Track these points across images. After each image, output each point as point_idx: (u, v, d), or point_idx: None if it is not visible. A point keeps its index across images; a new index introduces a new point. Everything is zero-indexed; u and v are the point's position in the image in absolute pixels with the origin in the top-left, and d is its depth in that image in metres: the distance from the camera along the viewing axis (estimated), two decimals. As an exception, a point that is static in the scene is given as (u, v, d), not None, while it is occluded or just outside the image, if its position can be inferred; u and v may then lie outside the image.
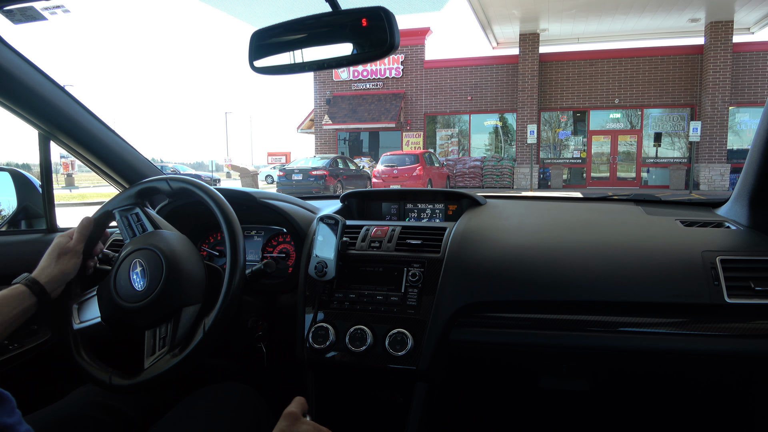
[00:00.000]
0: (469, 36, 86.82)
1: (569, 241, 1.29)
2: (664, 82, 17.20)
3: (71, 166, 22.88)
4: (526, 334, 1.20)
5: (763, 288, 1.10)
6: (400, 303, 1.24)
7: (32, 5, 1.29)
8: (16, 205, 1.69)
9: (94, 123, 1.44)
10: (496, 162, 18.30)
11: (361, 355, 1.19)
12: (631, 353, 1.16)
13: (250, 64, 1.07)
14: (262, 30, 1.05)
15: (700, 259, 1.16)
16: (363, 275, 1.31)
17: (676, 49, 17.28)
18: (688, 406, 1.54)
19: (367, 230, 1.40)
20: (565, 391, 1.53)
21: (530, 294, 1.19)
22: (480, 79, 18.82)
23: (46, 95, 1.30)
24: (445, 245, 1.30)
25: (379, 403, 1.32)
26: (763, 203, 1.27)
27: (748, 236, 1.27)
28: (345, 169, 16.62)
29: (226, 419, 0.97)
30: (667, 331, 1.14)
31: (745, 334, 1.11)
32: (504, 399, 1.63)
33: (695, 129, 14.78)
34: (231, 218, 1.06)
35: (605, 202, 1.65)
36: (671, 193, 15.48)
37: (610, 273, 1.18)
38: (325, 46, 1.01)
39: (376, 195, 1.74)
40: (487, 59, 19.02)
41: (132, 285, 1.03)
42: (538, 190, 17.07)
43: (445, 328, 1.20)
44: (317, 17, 0.98)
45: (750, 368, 1.21)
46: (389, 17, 0.93)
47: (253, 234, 1.52)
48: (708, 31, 16.35)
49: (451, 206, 1.64)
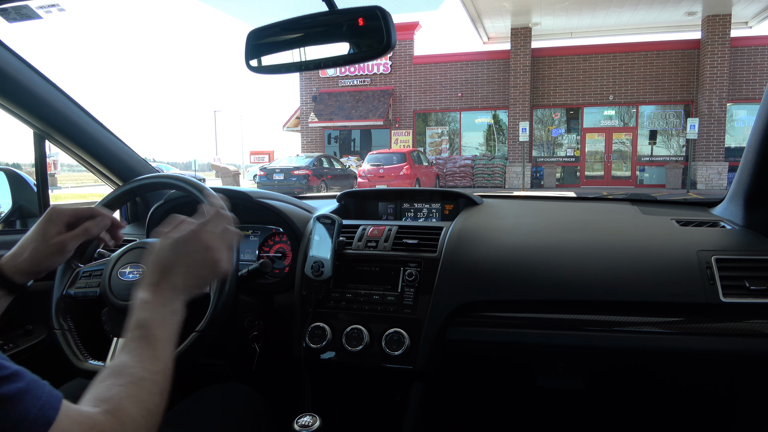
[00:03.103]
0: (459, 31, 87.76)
1: (565, 240, 1.31)
2: (660, 77, 17.14)
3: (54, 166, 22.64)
4: (522, 334, 1.21)
5: (758, 287, 1.12)
6: (396, 302, 1.25)
7: (27, 4, 1.31)
8: (11, 205, 1.71)
9: (89, 122, 1.46)
10: (487, 161, 18.10)
11: (358, 355, 1.21)
12: (626, 352, 1.19)
13: (246, 63, 1.09)
14: (258, 29, 1.07)
15: (696, 259, 1.18)
16: (359, 275, 1.32)
17: (673, 43, 17.23)
18: (684, 405, 1.56)
19: (364, 230, 1.41)
20: (561, 390, 1.55)
21: (526, 293, 1.20)
22: (471, 75, 18.65)
23: (41, 94, 1.31)
24: (442, 245, 1.31)
25: (375, 403, 1.34)
26: (759, 203, 1.29)
27: (743, 236, 1.29)
28: (330, 168, 16.50)
29: (227, 420, 0.97)
30: (662, 331, 1.15)
31: (740, 333, 1.12)
32: (500, 398, 1.65)
33: (692, 126, 14.66)
34: None
35: (601, 202, 1.68)
36: (668, 192, 15.55)
37: (606, 272, 1.19)
38: (322, 46, 1.02)
39: (373, 194, 1.77)
40: (477, 55, 18.85)
41: (126, 283, 1.06)
42: (530, 190, 17.03)
43: (442, 327, 1.21)
44: (313, 16, 0.99)
45: (745, 367, 1.24)
46: (385, 16, 0.94)
47: (250, 234, 1.53)
48: (705, 25, 16.27)
49: (448, 206, 1.66)
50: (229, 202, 0.88)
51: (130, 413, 0.60)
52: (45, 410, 0.52)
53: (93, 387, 0.62)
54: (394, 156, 15.23)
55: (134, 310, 0.71)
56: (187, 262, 0.75)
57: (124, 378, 0.63)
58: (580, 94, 17.71)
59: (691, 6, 15.56)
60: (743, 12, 16.07)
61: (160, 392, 0.65)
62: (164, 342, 0.69)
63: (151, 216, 1.45)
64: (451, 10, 62.30)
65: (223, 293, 1.03)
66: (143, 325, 0.69)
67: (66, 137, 1.43)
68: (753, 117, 1.33)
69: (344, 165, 17.72)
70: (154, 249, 0.76)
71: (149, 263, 0.75)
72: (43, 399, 0.52)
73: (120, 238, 1.04)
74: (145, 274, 0.75)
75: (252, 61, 1.08)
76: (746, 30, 17.19)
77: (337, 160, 17.47)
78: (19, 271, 0.89)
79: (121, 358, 0.66)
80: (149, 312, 0.70)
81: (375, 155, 15.59)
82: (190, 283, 0.75)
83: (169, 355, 0.69)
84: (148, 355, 0.66)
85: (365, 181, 14.98)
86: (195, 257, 0.76)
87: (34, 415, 0.51)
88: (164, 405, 0.66)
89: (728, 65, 15.95)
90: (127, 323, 0.70)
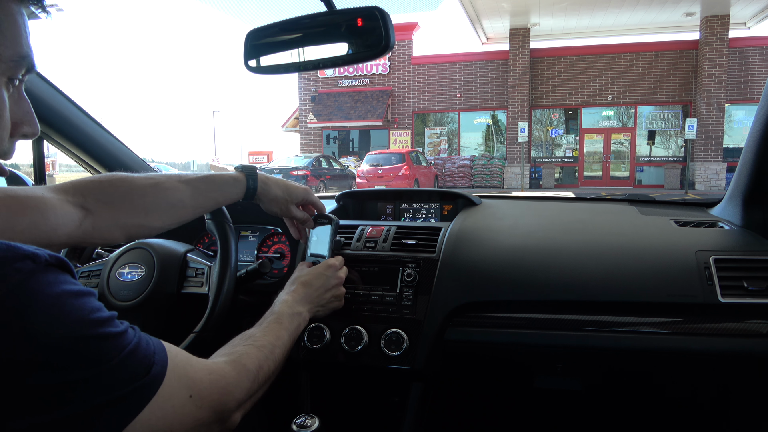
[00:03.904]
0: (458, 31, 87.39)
1: (564, 241, 1.31)
2: (658, 78, 17.16)
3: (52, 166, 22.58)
4: (521, 334, 1.21)
5: (757, 287, 1.12)
6: (395, 303, 1.25)
7: None
8: None
9: (88, 122, 1.45)
10: (486, 161, 18.10)
11: (357, 355, 1.21)
12: (625, 353, 1.18)
13: (245, 63, 1.09)
14: (256, 29, 1.07)
15: (694, 259, 1.18)
16: (358, 275, 1.31)
17: (671, 44, 17.25)
18: (681, 405, 1.55)
19: (363, 230, 1.41)
20: (560, 391, 1.55)
21: (525, 294, 1.20)
22: (469, 75, 18.66)
23: (39, 94, 1.29)
24: (441, 245, 1.31)
25: (374, 403, 1.34)
26: (757, 203, 1.29)
27: (741, 236, 1.29)
28: (329, 168, 16.48)
29: None
30: (661, 331, 1.15)
31: (738, 333, 1.12)
32: (499, 398, 1.65)
33: (691, 126, 14.66)
34: (218, 210, 1.10)
35: (600, 202, 1.67)
36: (666, 192, 15.51)
37: (605, 273, 1.19)
38: (321, 46, 1.02)
39: (372, 195, 1.77)
40: (476, 55, 18.86)
41: (125, 284, 1.06)
42: (529, 190, 17.00)
43: (441, 327, 1.21)
44: (312, 17, 0.99)
45: (743, 367, 1.23)
46: (384, 17, 0.94)
47: (248, 234, 1.53)
48: (703, 25, 16.30)
49: (447, 206, 1.66)
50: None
51: (246, 366, 0.74)
52: (159, 353, 0.58)
53: (223, 347, 0.78)
54: (393, 156, 15.22)
55: (274, 305, 0.96)
56: (318, 286, 1.06)
57: (249, 341, 0.81)
58: (578, 95, 17.73)
59: (690, 7, 15.60)
60: (741, 13, 16.10)
61: (274, 361, 0.82)
62: (288, 330, 0.91)
63: None
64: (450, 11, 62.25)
65: (221, 294, 1.02)
66: (276, 313, 0.93)
67: (64, 137, 1.42)
68: (751, 117, 1.32)
69: (343, 165, 17.70)
70: (305, 270, 1.09)
71: (295, 279, 1.05)
72: (153, 343, 0.58)
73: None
74: (288, 283, 1.05)
75: (251, 62, 1.08)
76: (744, 30, 17.24)
77: (335, 161, 17.44)
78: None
79: (251, 330, 0.86)
80: (283, 307, 0.95)
81: (374, 155, 15.57)
82: (314, 302, 1.04)
83: (288, 340, 0.90)
84: (274, 333, 0.87)
85: (364, 182, 14.96)
86: (322, 287, 1.07)
87: (150, 359, 0.56)
88: (275, 375, 0.83)
89: (726, 66, 15.98)
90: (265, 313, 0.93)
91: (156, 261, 1.08)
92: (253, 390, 0.72)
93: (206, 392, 0.62)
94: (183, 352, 0.63)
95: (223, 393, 0.65)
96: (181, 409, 0.58)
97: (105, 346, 0.50)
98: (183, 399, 0.58)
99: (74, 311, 0.49)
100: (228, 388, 0.66)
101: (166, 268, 1.09)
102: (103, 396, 0.49)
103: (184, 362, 0.61)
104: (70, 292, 0.49)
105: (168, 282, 1.08)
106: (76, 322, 0.48)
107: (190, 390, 0.60)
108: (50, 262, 0.50)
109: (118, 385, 0.51)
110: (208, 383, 0.63)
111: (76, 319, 0.49)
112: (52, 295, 0.47)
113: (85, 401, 0.48)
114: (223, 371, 0.67)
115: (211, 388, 0.63)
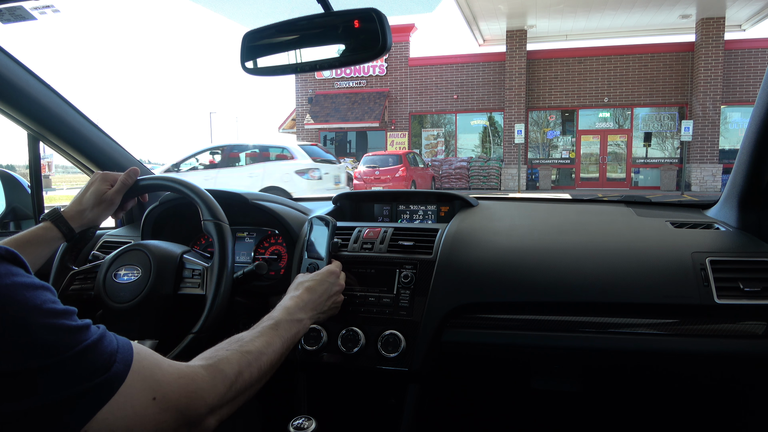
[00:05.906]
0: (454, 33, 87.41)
1: (560, 242, 1.31)
2: (654, 80, 17.18)
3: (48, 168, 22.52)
4: (518, 335, 1.21)
5: (752, 289, 1.12)
6: (392, 304, 1.25)
7: (21, 5, 1.31)
8: (4, 207, 1.70)
9: (84, 123, 1.45)
10: (483, 162, 18.09)
11: (354, 357, 1.21)
12: (621, 354, 1.18)
13: (242, 65, 1.08)
14: (253, 31, 1.06)
15: (690, 261, 1.18)
16: (355, 277, 1.31)
17: (667, 46, 17.26)
18: (678, 407, 1.56)
19: (360, 231, 1.41)
20: (557, 392, 1.55)
21: (522, 295, 1.20)
22: (466, 77, 18.65)
23: (35, 96, 1.30)
24: (437, 247, 1.31)
25: (371, 405, 1.33)
26: (752, 204, 1.30)
27: (737, 237, 1.29)
28: None
29: (222, 423, 0.96)
30: (657, 332, 1.15)
31: (734, 334, 1.12)
32: (496, 400, 1.65)
33: (687, 128, 14.70)
34: (215, 211, 1.10)
35: (596, 204, 1.68)
36: (662, 194, 15.57)
37: (601, 274, 1.19)
38: (318, 48, 1.02)
39: (369, 196, 1.77)
40: (473, 57, 18.83)
41: (121, 285, 1.05)
42: (526, 192, 17.00)
43: (438, 329, 1.21)
44: (309, 18, 0.99)
45: (739, 369, 1.24)
46: (381, 18, 0.95)
47: (245, 235, 1.52)
48: (699, 27, 16.34)
49: (443, 208, 1.66)
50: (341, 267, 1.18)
51: (224, 371, 0.70)
52: (124, 350, 0.58)
53: (208, 350, 0.74)
54: (390, 158, 15.16)
55: (274, 309, 0.93)
56: (321, 292, 1.05)
57: (235, 345, 0.76)
58: (575, 97, 17.74)
59: (685, 9, 15.62)
60: (737, 15, 16.12)
61: (259, 368, 0.76)
62: (282, 338, 0.85)
63: (146, 218, 1.43)
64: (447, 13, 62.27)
65: (218, 295, 1.02)
66: (274, 318, 0.89)
67: (60, 139, 1.41)
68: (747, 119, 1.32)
69: (340, 166, 17.66)
70: (308, 277, 1.07)
71: (299, 284, 1.04)
72: (118, 342, 0.58)
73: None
74: (291, 288, 1.03)
75: (248, 63, 1.08)
76: (740, 33, 17.26)
77: (333, 162, 17.40)
78: (81, 220, 1.08)
79: (243, 333, 0.81)
80: (283, 314, 0.91)
81: (371, 157, 15.51)
82: (316, 309, 1.02)
83: (281, 348, 0.84)
84: (265, 340, 0.81)
85: (361, 183, 14.89)
86: (325, 293, 1.06)
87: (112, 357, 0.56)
88: (261, 385, 0.78)
89: (722, 68, 16.02)
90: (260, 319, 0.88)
91: (152, 262, 1.07)
92: (229, 396, 0.70)
93: (173, 395, 0.61)
94: (153, 354, 0.63)
95: (193, 397, 0.64)
96: (143, 411, 0.57)
97: (58, 337, 0.51)
98: (145, 400, 0.58)
99: (24, 300, 0.50)
100: (198, 393, 0.65)
101: (163, 270, 1.08)
102: (64, 389, 0.50)
103: (151, 364, 0.61)
104: (21, 284, 0.51)
105: (165, 283, 1.07)
106: (25, 310, 0.50)
107: (154, 392, 0.59)
108: (2, 255, 0.51)
109: (77, 380, 0.51)
110: (176, 387, 0.62)
111: (26, 308, 0.50)
112: (1, 286, 0.49)
113: (47, 393, 0.49)
114: (196, 375, 0.66)
115: (180, 391, 0.62)
